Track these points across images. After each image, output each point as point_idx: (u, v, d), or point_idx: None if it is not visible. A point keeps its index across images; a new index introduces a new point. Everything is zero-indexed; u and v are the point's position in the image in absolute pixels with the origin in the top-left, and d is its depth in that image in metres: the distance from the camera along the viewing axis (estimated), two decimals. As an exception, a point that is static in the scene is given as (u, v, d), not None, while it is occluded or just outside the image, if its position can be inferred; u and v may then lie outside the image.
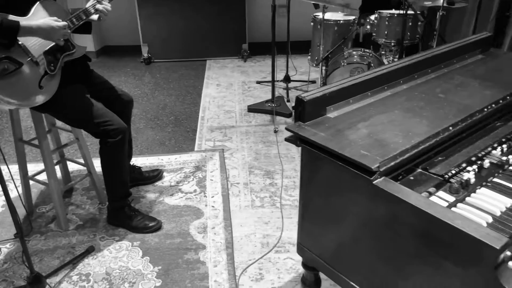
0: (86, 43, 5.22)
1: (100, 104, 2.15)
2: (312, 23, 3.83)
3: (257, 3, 5.40)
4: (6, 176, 2.26)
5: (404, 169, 1.12)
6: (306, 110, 1.23)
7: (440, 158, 1.18)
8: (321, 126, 1.22)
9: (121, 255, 2.16)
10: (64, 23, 1.96)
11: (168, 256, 2.14)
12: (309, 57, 4.02)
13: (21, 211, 2.40)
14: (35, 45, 1.93)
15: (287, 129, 1.22)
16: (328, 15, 3.80)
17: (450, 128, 1.21)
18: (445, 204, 1.03)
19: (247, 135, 3.35)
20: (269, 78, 4.44)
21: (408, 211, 0.97)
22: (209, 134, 3.38)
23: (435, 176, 1.12)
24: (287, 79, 4.24)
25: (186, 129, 3.49)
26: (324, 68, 3.47)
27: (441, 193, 1.07)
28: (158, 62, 5.18)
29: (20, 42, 1.87)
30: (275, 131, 3.37)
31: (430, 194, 1.06)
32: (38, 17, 1.95)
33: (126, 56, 5.35)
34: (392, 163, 1.06)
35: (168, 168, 2.91)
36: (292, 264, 2.08)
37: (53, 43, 1.97)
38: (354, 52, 3.37)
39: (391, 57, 3.41)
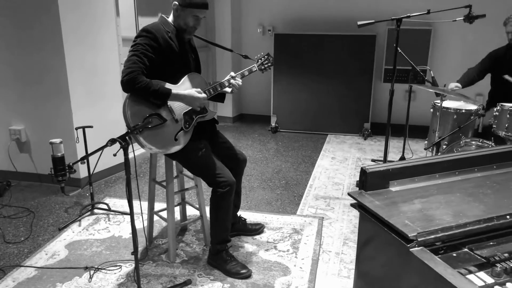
0: (227, 111, 6.04)
1: (216, 159, 2.58)
2: (431, 109, 3.89)
3: (383, 87, 5.63)
4: (137, 208, 2.78)
5: (450, 245, 1.21)
6: (368, 181, 1.41)
7: (491, 243, 1.23)
8: (380, 197, 1.38)
9: (212, 292, 2.44)
10: (204, 95, 2.49)
11: (250, 302, 2.35)
12: (426, 141, 4.04)
13: (144, 240, 2.91)
14: (178, 107, 2.47)
15: (349, 194, 1.41)
16: (449, 103, 3.83)
17: (508, 217, 1.26)
18: (481, 283, 1.09)
19: (350, 208, 3.46)
20: (385, 158, 4.54)
21: (433, 279, 1.06)
22: (313, 202, 3.59)
23: (479, 258, 1.17)
24: (402, 160, 4.27)
25: (294, 193, 3.76)
26: (437, 153, 3.46)
27: (481, 273, 1.13)
28: (283, 132, 5.68)
29: (168, 104, 2.43)
30: (379, 209, 3.41)
31: (470, 272, 1.13)
32: (185, 85, 2.51)
33: (257, 124, 6.00)
34: (432, 237, 1.17)
35: (269, 225, 3.18)
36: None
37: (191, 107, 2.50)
38: (473, 142, 3.32)
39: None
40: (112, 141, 1.99)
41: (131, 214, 2.11)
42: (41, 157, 3.79)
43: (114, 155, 2.00)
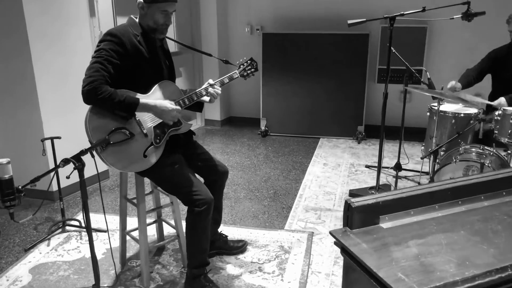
0: (215, 114, 5.79)
1: (192, 175, 2.33)
2: (428, 113, 3.66)
3: (377, 87, 5.40)
4: (110, 225, 2.51)
5: (453, 304, 0.97)
6: (354, 217, 1.16)
7: (505, 299, 0.99)
8: (368, 236, 1.14)
9: (187, 324, 2.19)
10: (177, 107, 2.22)
11: (229, 336, 2.11)
12: (422, 147, 3.81)
13: (117, 261, 2.67)
14: (148, 119, 2.21)
15: (331, 233, 1.17)
16: (447, 107, 3.61)
17: (525, 264, 1.02)
18: None
19: (342, 222, 3.22)
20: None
21: None
22: (303, 214, 3.35)
23: (491, 321, 0.94)
24: (398, 167, 4.03)
25: (282, 205, 3.51)
26: (434, 162, 3.22)
27: None
28: (274, 136, 5.43)
29: (136, 117, 2.17)
30: (372, 222, 3.18)
31: None
32: (155, 95, 2.25)
33: (246, 127, 5.75)
34: (432, 296, 0.93)
35: (254, 243, 2.93)
36: None
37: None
38: (473, 149, 3.08)
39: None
40: (65, 161, 1.74)
41: (91, 243, 1.86)
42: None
43: (67, 177, 1.76)
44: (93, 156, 1.99)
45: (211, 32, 5.58)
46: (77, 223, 3.14)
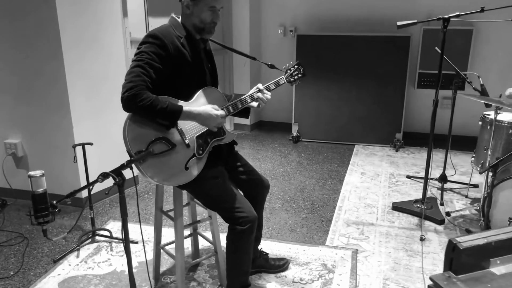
0: (244, 118, 5.59)
1: (235, 189, 2.14)
2: (480, 122, 3.40)
3: (416, 93, 5.13)
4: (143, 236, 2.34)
5: None
6: (461, 261, 0.95)
7: None
8: (480, 286, 0.93)
9: None
10: (222, 112, 2.06)
11: None
12: (472, 158, 3.55)
13: (151, 274, 2.50)
14: (190, 129, 2.03)
15: (432, 279, 0.96)
16: (502, 116, 3.34)
17: None
18: None
19: (387, 238, 2.99)
20: (422, 174, 4.04)
21: None
22: (344, 229, 3.13)
23: None
24: (443, 178, 3.77)
25: (321, 218, 3.30)
26: (491, 176, 2.96)
27: None
28: (306, 142, 5.23)
29: (178, 126, 2.00)
30: (422, 239, 2.94)
31: None
32: (199, 102, 2.08)
33: (277, 132, 5.56)
34: None
35: (295, 260, 2.73)
36: None
37: (206, 128, 2.06)
38: (533, 162, 2.82)
39: None
40: (104, 176, 1.57)
41: (129, 265, 1.69)
42: (40, 174, 3.41)
43: (106, 193, 1.59)
44: (131, 168, 1.82)
45: (243, 33, 5.41)
46: (107, 233, 2.99)
